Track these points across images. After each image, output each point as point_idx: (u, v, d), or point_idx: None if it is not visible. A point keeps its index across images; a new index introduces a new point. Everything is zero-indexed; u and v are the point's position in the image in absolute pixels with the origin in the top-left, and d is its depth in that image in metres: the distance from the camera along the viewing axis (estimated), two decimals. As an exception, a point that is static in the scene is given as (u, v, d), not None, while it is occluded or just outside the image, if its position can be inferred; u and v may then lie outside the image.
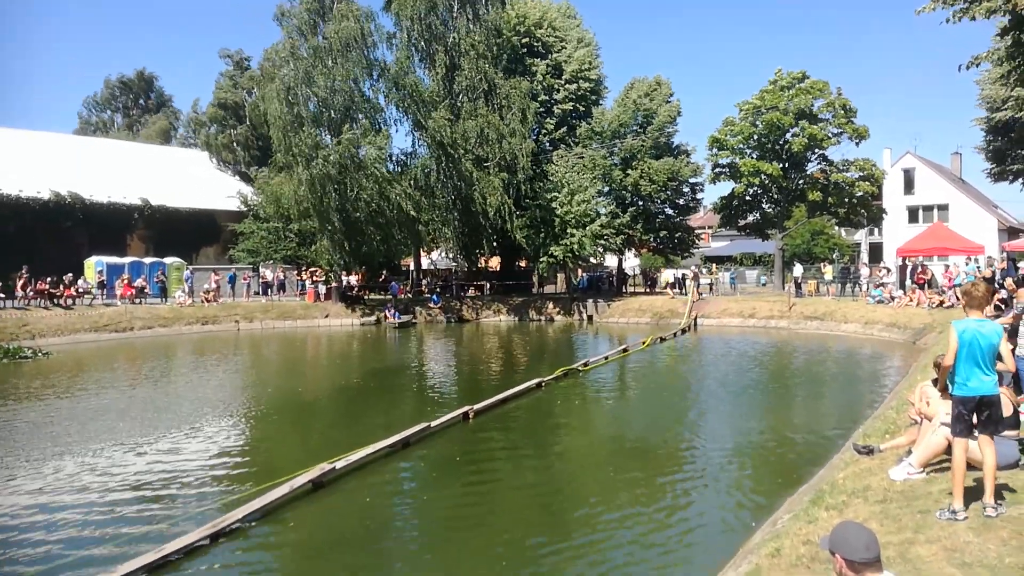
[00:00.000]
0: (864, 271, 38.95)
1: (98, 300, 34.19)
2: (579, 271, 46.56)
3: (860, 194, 41.61)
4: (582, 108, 44.81)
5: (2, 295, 30.53)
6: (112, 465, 11.38)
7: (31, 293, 30.89)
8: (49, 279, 31.81)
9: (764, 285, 48.25)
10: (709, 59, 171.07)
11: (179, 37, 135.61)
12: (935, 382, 8.22)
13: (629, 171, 41.43)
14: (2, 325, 27.53)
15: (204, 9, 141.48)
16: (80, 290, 33.29)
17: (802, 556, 5.87)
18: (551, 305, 41.27)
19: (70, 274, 33.23)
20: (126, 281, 35.36)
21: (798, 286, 38.05)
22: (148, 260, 39.45)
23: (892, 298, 31.45)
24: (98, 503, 9.55)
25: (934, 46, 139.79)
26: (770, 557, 6.08)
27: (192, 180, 51.27)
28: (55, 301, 31.46)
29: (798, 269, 40.50)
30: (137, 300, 34.82)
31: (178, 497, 9.90)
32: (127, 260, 38.44)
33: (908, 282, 32.71)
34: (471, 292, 45.08)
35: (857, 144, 41.30)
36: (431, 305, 40.01)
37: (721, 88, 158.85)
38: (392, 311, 36.91)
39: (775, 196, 42.92)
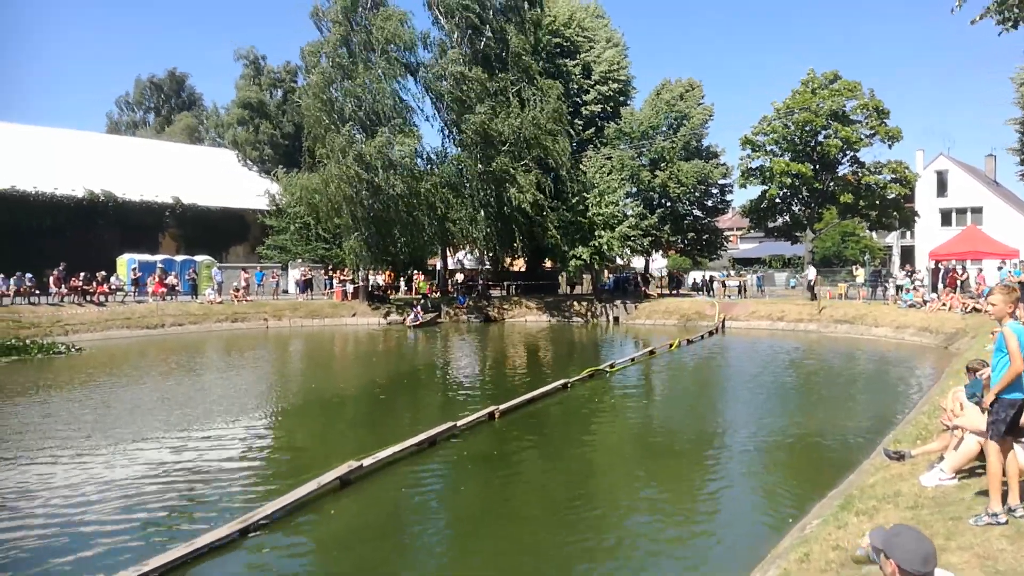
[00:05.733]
0: (900, 273, 38.29)
1: (130, 297, 34.70)
2: (606, 272, 46.45)
3: (892, 196, 41.05)
4: (610, 109, 44.69)
5: (37, 291, 31.07)
6: (143, 459, 11.54)
7: (65, 290, 31.41)
8: (82, 276, 32.31)
9: (793, 287, 47.77)
10: (737, 58, 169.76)
11: (207, 34, 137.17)
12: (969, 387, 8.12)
13: (658, 172, 41.24)
14: (36, 321, 28.03)
15: (235, 6, 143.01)
16: (112, 287, 33.79)
17: (831, 561, 5.81)
18: (577, 306, 41.21)
19: (103, 271, 33.74)
20: (158, 278, 35.82)
21: (811, 289, 37.60)
22: (179, 258, 39.97)
23: (924, 302, 31.01)
24: (129, 496, 9.69)
25: (968, 45, 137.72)
26: (799, 562, 6.02)
27: (222, 179, 51.88)
28: (88, 298, 31.94)
29: (811, 272, 39.95)
30: (168, 297, 35.27)
31: (208, 492, 10.02)
32: (159, 258, 38.92)
33: (940, 286, 32.26)
34: (497, 292, 45.13)
35: (890, 146, 40.76)
36: (457, 305, 40.14)
37: (749, 88, 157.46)
38: (417, 311, 36.96)
39: (805, 198, 42.48)
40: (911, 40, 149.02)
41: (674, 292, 46.59)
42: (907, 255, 57.30)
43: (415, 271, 46.40)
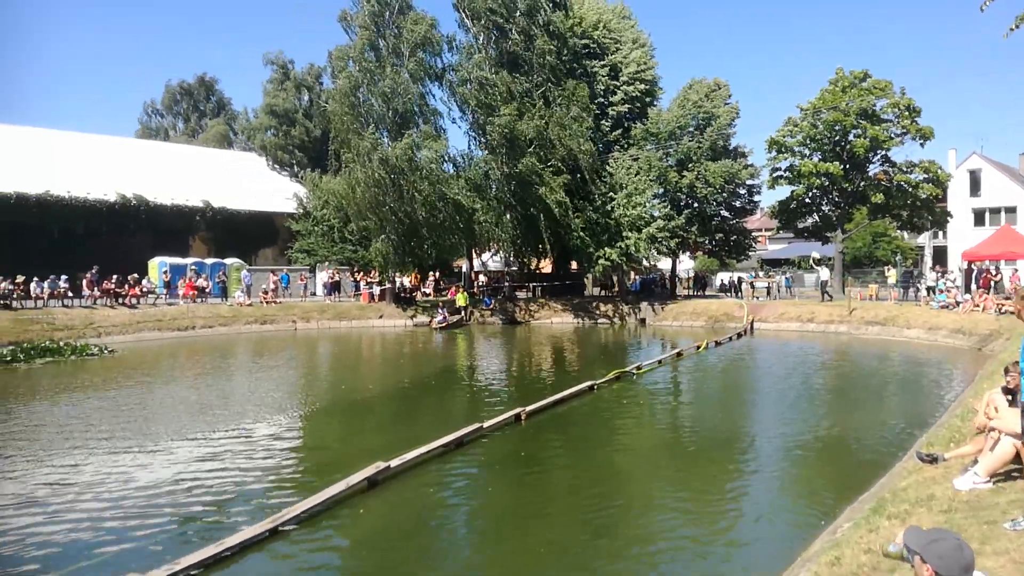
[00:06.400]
0: (932, 275, 37.73)
1: (161, 300, 35.16)
2: (632, 274, 46.26)
3: (924, 196, 40.44)
4: (637, 109, 44.50)
5: (70, 294, 31.58)
6: (175, 459, 11.69)
7: (98, 292, 31.89)
8: (115, 278, 32.78)
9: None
10: (764, 57, 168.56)
11: (236, 38, 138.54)
12: (1005, 390, 8.00)
13: (685, 173, 40.95)
14: (70, 323, 28.50)
15: (263, 10, 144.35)
16: (144, 290, 34.26)
17: (863, 565, 5.74)
18: (604, 307, 41.09)
19: (135, 274, 34.22)
20: (189, 281, 36.28)
21: (824, 290, 37.28)
22: (209, 261, 40.43)
23: (957, 303, 30.53)
24: (160, 495, 9.82)
25: (1001, 43, 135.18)
26: (829, 566, 5.95)
27: (251, 182, 52.36)
28: (120, 300, 32.41)
29: (824, 272, 39.46)
30: (198, 300, 35.69)
31: (238, 491, 10.12)
32: (189, 261, 39.43)
33: (974, 287, 31.75)
34: (523, 294, 45.09)
35: (922, 145, 40.16)
36: (484, 307, 40.19)
37: (777, 86, 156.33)
38: (443, 313, 37.05)
39: (835, 198, 42.02)
40: (942, 38, 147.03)
41: (699, 293, 46.27)
42: (940, 256, 56.50)
43: (437, 274, 46.56)
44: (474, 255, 46.49)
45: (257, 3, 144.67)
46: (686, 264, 58.35)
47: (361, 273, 42.50)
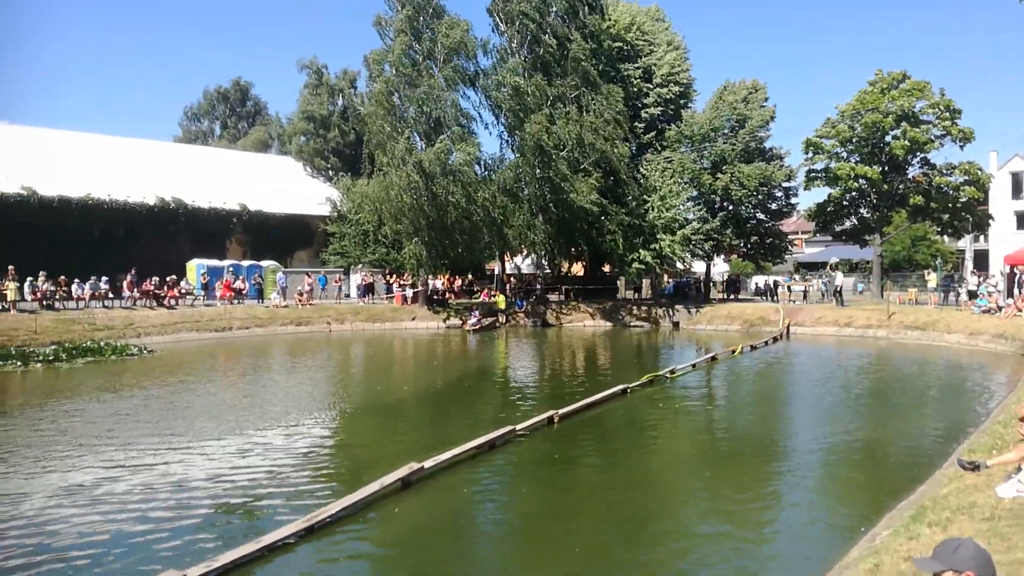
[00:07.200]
0: (973, 279, 36.98)
1: (199, 301, 35.68)
2: (665, 277, 45.94)
3: (965, 199, 39.63)
4: (671, 112, 44.27)
5: (111, 295, 32.18)
6: (212, 458, 11.87)
7: (137, 293, 32.46)
8: (154, 280, 33.34)
9: (861, 292, 46.58)
10: (800, 57, 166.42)
11: (248, 38, 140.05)
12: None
13: (719, 175, 40.64)
14: (110, 323, 29.03)
15: (285, 13, 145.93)
16: (183, 291, 34.81)
17: (903, 573, 5.65)
18: (637, 311, 40.88)
19: (173, 275, 34.78)
20: (226, 282, 36.78)
21: (838, 295, 36.69)
22: (246, 263, 40.93)
23: (999, 308, 29.89)
24: (198, 494, 9.98)
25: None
26: (868, 573, 5.88)
27: (286, 186, 52.88)
28: (159, 301, 32.96)
29: (839, 278, 38.74)
30: (235, 301, 36.16)
31: (275, 490, 10.24)
32: (226, 263, 39.94)
33: (1016, 291, 31.09)
34: (555, 297, 45.01)
35: (962, 147, 39.36)
36: (515, 310, 40.21)
37: (813, 88, 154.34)
38: (476, 316, 37.15)
39: (873, 201, 41.36)
40: (981, 37, 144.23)
41: (732, 297, 45.74)
42: (981, 259, 55.40)
43: (470, 276, 46.68)
44: (506, 258, 46.56)
45: (280, 6, 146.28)
46: (720, 267, 57.85)
47: (394, 275, 42.78)
